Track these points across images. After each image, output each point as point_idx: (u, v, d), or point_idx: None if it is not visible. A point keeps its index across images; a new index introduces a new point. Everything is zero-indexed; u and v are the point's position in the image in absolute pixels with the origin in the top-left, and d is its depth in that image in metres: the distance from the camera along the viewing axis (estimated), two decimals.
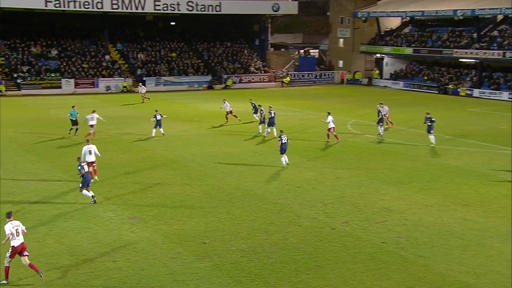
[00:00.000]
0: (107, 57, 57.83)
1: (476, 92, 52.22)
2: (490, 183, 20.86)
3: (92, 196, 18.09)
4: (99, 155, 21.02)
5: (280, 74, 65.25)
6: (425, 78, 59.49)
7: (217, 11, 59.14)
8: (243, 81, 60.85)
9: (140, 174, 22.00)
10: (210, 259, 13.96)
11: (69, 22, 59.71)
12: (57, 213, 17.05)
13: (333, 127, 28.29)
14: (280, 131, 24.15)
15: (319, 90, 57.55)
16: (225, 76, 60.04)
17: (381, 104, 32.40)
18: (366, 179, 21.51)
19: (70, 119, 29.78)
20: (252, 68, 63.05)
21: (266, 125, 30.26)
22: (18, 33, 56.96)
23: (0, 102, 43.94)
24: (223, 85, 59.20)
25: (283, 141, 23.39)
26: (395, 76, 63.50)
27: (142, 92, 46.25)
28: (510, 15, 54.24)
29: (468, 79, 55.49)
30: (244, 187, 20.40)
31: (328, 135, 28.73)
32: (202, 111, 41.15)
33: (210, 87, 58.49)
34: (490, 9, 52.65)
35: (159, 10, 57.28)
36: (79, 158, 18.66)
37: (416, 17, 64.04)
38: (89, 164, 20.28)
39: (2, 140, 28.20)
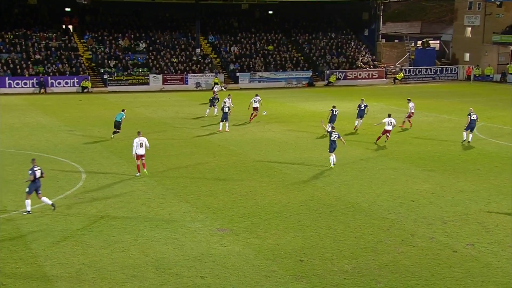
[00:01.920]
0: (197, 50, 59.88)
1: None
2: None
3: (51, 204, 18.35)
4: (149, 147, 22.93)
5: (393, 69, 63.98)
6: None
7: None
8: (348, 77, 60.36)
9: (231, 181, 22.51)
10: (308, 279, 13.96)
11: (159, 12, 62.62)
12: (142, 222, 17.89)
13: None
14: (332, 127, 23.93)
15: (440, 88, 55.65)
16: (327, 72, 59.89)
17: (409, 99, 34.66)
18: (496, 193, 20.51)
19: (115, 122, 30.78)
20: (360, 63, 62.36)
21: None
22: (106, 25, 60.60)
23: (87, 99, 46.95)
24: (325, 82, 59.10)
25: (332, 138, 24.16)
26: None
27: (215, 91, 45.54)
28: None
29: None
30: (347, 198, 20.21)
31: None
32: (301, 111, 41.32)
33: (310, 84, 58.62)
34: None
35: None
36: (33, 160, 18.58)
37: None
38: (138, 157, 22.71)
39: (87, 139, 30.09)
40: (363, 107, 33.27)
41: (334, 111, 31.75)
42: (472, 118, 29.22)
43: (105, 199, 20.02)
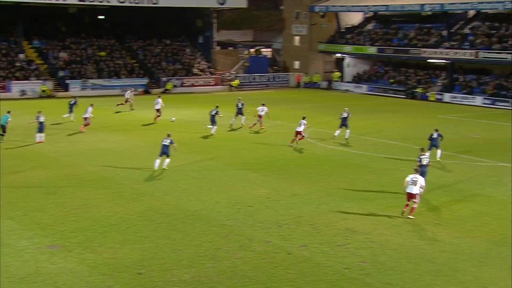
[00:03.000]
0: (21, 56, 56.39)
1: (446, 96, 54.07)
2: (463, 199, 21.57)
3: None
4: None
5: (228, 76, 65.51)
6: (391, 81, 61.15)
7: (153, 4, 58.88)
8: (185, 84, 60.70)
9: (62, 194, 21.50)
10: None
11: None
12: None
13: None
14: (168, 135, 25.62)
15: (273, 94, 58.11)
16: (164, 79, 59.73)
17: (263, 104, 36.68)
18: (326, 195, 21.83)
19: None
20: (196, 70, 63.05)
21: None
22: None
23: None
24: (162, 89, 58.82)
25: (164, 143, 25.26)
26: (357, 79, 64.95)
27: (129, 97, 44.84)
28: (483, 11, 56.61)
29: (438, 82, 57.38)
30: (187, 207, 20.28)
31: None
32: (137, 119, 40.71)
33: (146, 92, 57.97)
34: (460, 3, 54.81)
35: (84, 1, 56.46)
36: None
37: (379, 12, 65.87)
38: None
39: None
40: (240, 106, 36.55)
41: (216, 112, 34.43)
42: (343, 116, 33.11)
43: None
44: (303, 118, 31.65)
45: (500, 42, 52.61)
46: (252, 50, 72.31)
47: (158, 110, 39.29)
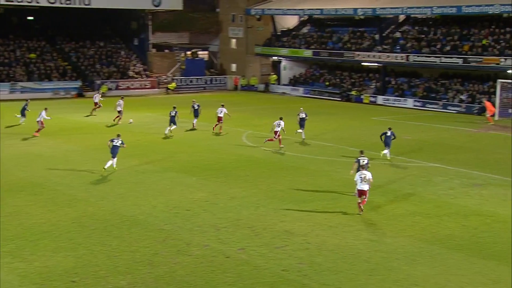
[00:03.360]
0: None
1: (380, 99, 55.47)
2: (396, 199, 22.19)
3: None
4: None
5: (165, 79, 64.97)
6: (326, 83, 62.25)
7: (85, 5, 57.64)
8: (120, 87, 59.72)
9: None
10: None
11: None
12: None
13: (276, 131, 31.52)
14: (118, 135, 25.73)
15: (210, 97, 57.99)
16: (98, 82, 58.57)
17: (222, 105, 36.90)
18: (264, 198, 21.97)
19: None
20: (131, 72, 62.18)
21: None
22: None
23: None
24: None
25: (115, 144, 25.43)
26: (294, 82, 65.75)
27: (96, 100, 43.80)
28: (412, 15, 58.49)
29: (371, 85, 58.84)
30: (122, 212, 19.97)
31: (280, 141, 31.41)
32: (71, 122, 39.77)
33: (80, 95, 56.74)
34: (391, 8, 56.36)
35: (12, 1, 54.64)
36: None
37: (314, 16, 66.97)
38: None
39: None
40: (196, 107, 37.55)
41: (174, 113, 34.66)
42: (300, 117, 34.20)
43: None
44: (280, 118, 32.18)
45: (429, 46, 54.47)
46: (188, 52, 71.97)
47: (119, 112, 39.39)
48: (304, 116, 34.49)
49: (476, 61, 49.39)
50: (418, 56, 53.70)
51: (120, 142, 25.60)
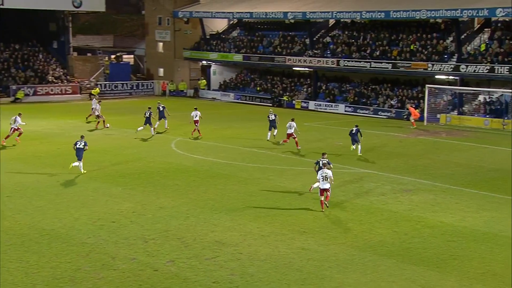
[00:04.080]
0: None
1: (312, 104, 56.44)
2: (329, 206, 22.60)
3: None
4: None
5: (87, 84, 63.61)
6: (258, 88, 62.75)
7: None
8: (39, 93, 58.07)
9: None
10: None
11: None
12: None
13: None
14: (81, 136, 26.25)
15: (137, 103, 57.28)
16: (13, 87, 56.66)
17: (195, 108, 38.30)
18: (194, 208, 21.91)
19: None
20: (51, 77, 60.52)
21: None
22: None
23: None
24: (11, 98, 55.74)
25: (79, 146, 26.30)
26: (224, 87, 65.92)
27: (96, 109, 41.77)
28: (342, 20, 59.91)
29: (303, 90, 59.80)
30: (42, 225, 19.41)
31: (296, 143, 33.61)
32: None
33: None
34: (321, 12, 57.52)
35: None
36: None
37: (244, 19, 67.40)
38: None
39: None
40: (161, 108, 39.17)
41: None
42: (270, 118, 35.86)
43: None
44: (292, 119, 33.72)
45: (359, 51, 55.94)
46: (113, 56, 70.84)
47: (98, 116, 40.50)
48: (273, 117, 36.11)
49: (405, 66, 51.02)
50: (348, 61, 54.99)
51: (83, 143, 26.19)
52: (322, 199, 21.65)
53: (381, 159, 31.98)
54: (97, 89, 61.70)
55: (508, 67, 44.61)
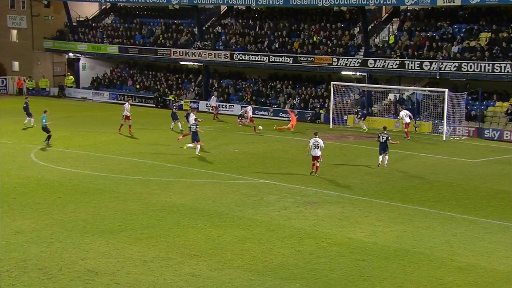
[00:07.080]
0: None
1: (202, 105, 56.52)
2: (223, 223, 22.74)
3: None
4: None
5: None
6: (137, 86, 62.20)
7: None
8: None
9: None
10: None
11: None
12: None
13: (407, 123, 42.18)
14: None
15: None
16: None
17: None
18: (60, 231, 21.37)
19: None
20: None
21: None
22: None
23: None
24: None
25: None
26: (97, 84, 64.80)
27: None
28: (235, 6, 60.52)
29: (191, 88, 59.83)
30: None
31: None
32: None
33: None
34: None
35: None
36: None
37: (119, 3, 66.67)
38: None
39: None
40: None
41: None
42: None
43: None
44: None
45: (255, 43, 56.71)
46: None
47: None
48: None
49: (307, 60, 52.25)
50: (243, 54, 55.61)
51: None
52: (314, 163, 29.65)
53: (283, 167, 32.60)
54: None
55: (419, 62, 46.83)
